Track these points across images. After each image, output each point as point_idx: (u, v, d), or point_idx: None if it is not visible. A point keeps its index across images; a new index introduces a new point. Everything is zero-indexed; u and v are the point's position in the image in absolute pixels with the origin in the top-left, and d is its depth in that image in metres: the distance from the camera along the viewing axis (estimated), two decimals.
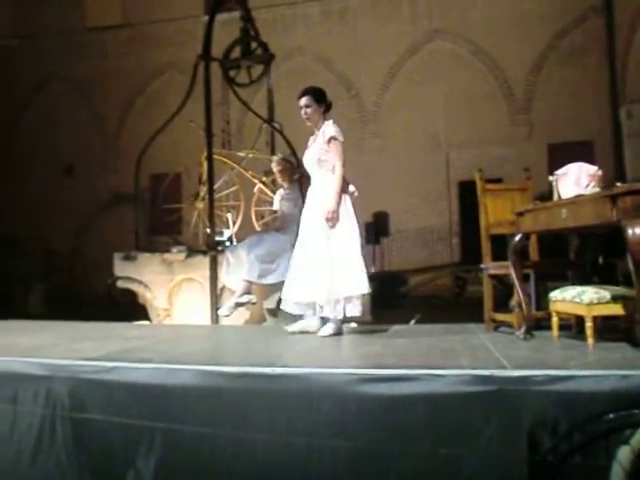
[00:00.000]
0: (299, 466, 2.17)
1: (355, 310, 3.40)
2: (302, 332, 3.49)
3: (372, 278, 10.47)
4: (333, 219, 3.40)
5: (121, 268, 5.28)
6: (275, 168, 4.97)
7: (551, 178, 2.96)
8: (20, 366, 2.48)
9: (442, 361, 2.43)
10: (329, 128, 3.58)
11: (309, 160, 3.62)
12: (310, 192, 3.66)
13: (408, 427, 2.10)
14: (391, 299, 10.65)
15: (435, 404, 2.09)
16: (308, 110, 3.59)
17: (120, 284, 5.31)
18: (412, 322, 5.56)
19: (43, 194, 14.17)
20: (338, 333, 3.38)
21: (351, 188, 3.63)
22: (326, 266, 3.37)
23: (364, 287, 3.40)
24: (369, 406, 2.14)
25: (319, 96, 3.62)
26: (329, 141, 3.54)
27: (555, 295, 2.81)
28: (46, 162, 14.34)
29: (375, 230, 11.83)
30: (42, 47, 14.55)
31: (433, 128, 12.28)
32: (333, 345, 3.16)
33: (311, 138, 3.68)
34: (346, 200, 3.53)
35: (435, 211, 12.45)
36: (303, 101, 3.59)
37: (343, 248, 3.42)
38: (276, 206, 5.13)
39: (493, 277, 3.39)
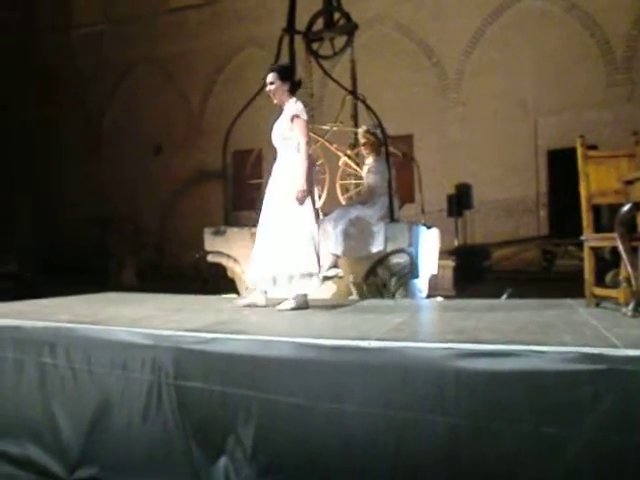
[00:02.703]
0: (395, 440, 2.16)
1: (308, 287, 3.55)
2: (251, 305, 3.61)
3: (454, 252, 10.30)
4: (302, 198, 3.50)
5: (211, 243, 5.43)
6: (360, 140, 4.91)
7: None
8: (127, 335, 2.63)
9: (543, 337, 2.32)
10: (292, 106, 3.64)
11: (275, 136, 3.70)
12: (275, 167, 3.72)
13: (508, 405, 2.03)
14: (474, 273, 10.41)
15: (537, 382, 2.01)
16: (272, 87, 3.68)
17: (210, 258, 5.48)
18: (504, 296, 5.39)
19: (133, 175, 14.87)
20: (299, 308, 3.50)
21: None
22: (282, 243, 3.51)
23: (315, 265, 3.53)
24: (467, 382, 2.09)
25: (283, 74, 3.70)
26: (292, 119, 3.60)
27: None
28: (135, 144, 15.00)
29: (457, 202, 11.55)
30: (128, 31, 15.11)
31: (520, 94, 11.69)
32: (426, 319, 3.11)
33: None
34: (310, 181, 3.61)
35: (521, 182, 11.94)
36: (268, 78, 3.70)
37: (298, 226, 3.50)
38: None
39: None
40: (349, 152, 5.80)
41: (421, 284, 5.44)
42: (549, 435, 1.96)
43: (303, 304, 3.58)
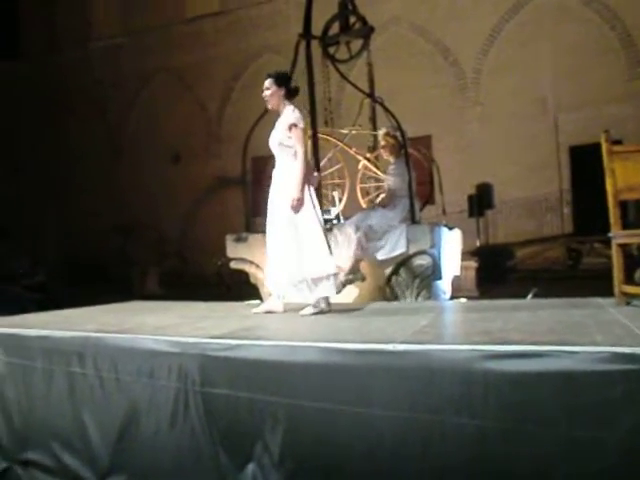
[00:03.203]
0: (422, 442, 2.14)
1: (326, 290, 3.54)
2: (269, 312, 3.61)
3: (476, 252, 10.19)
4: (297, 206, 3.50)
5: (233, 249, 5.45)
6: (380, 143, 4.90)
7: None
8: (154, 343, 2.65)
9: (573, 337, 2.28)
10: (290, 114, 3.64)
11: (272, 143, 3.70)
12: (274, 174, 3.73)
13: (538, 406, 1.99)
14: (497, 273, 10.30)
15: (568, 383, 1.97)
16: (267, 92, 3.70)
17: (233, 265, 5.50)
18: (530, 296, 5.32)
19: (153, 183, 15.06)
20: (321, 312, 3.51)
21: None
22: (291, 249, 3.53)
23: (330, 268, 3.54)
24: (495, 383, 2.06)
25: (279, 80, 3.70)
26: (290, 128, 3.60)
27: None
28: (155, 153, 15.19)
29: (478, 202, 11.46)
30: (146, 42, 15.32)
31: (539, 91, 11.57)
32: (450, 321, 3.07)
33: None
34: (309, 187, 3.61)
35: (543, 179, 11.80)
36: (265, 84, 3.72)
37: (306, 232, 3.54)
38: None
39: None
40: (368, 155, 5.79)
41: (444, 285, 5.39)
42: (581, 437, 1.92)
43: (325, 308, 3.57)
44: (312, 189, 3.67)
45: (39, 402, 2.96)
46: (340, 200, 5.58)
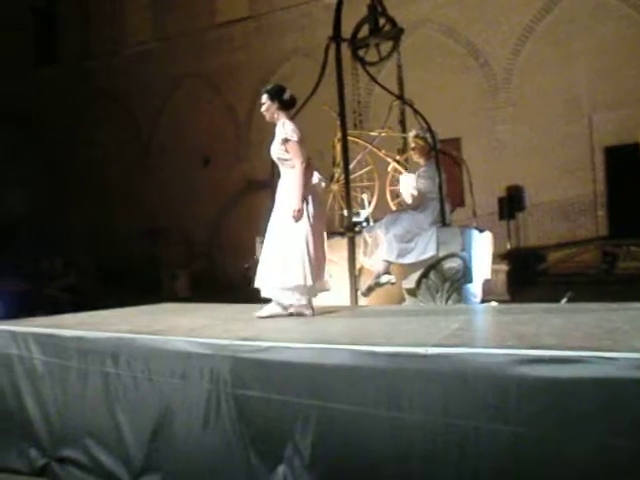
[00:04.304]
0: (455, 448, 2.11)
1: (302, 299, 3.67)
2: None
3: (507, 255, 10.04)
4: (298, 217, 3.59)
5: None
6: (410, 145, 4.88)
7: None
8: (186, 345, 2.67)
9: (610, 343, 2.22)
10: (282, 129, 3.71)
11: (272, 155, 3.76)
12: (279, 184, 3.81)
13: (575, 414, 1.95)
14: (529, 277, 10.14)
15: (606, 390, 1.92)
16: (263, 107, 3.82)
17: None
18: (564, 300, 5.22)
19: (183, 187, 15.24)
20: (272, 316, 3.65)
21: (315, 179, 3.72)
22: (279, 255, 3.64)
23: (304, 279, 3.60)
24: (529, 389, 2.02)
25: (271, 93, 3.80)
26: (283, 143, 3.68)
27: None
28: (185, 156, 15.37)
29: (509, 205, 11.31)
30: (176, 48, 15.53)
31: (573, 90, 11.34)
32: (482, 324, 3.03)
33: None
34: (311, 196, 3.68)
35: (576, 181, 11.55)
36: (261, 99, 3.83)
37: (292, 240, 3.62)
38: (403, 193, 5.11)
39: None
40: (398, 157, 5.76)
41: (475, 289, 5.33)
42: (618, 446, 1.87)
43: (278, 313, 3.70)
44: (315, 198, 3.71)
45: (75, 401, 3.02)
46: (369, 202, 5.57)
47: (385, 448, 2.21)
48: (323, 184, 3.81)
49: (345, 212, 5.27)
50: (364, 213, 5.42)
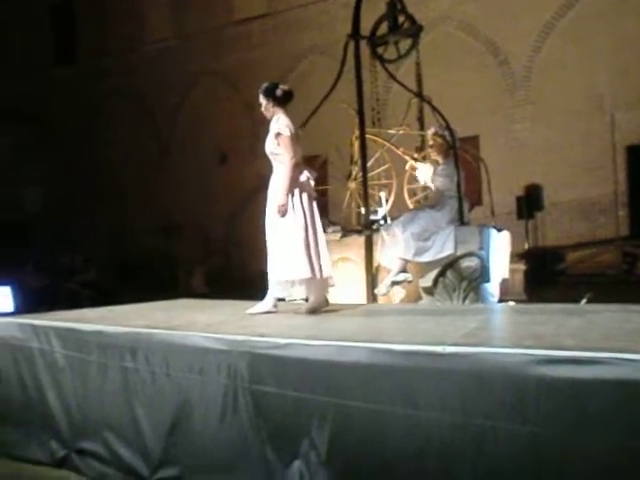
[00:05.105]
0: (472, 447, 2.11)
1: (300, 293, 3.74)
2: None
3: (524, 255, 9.95)
4: (282, 211, 3.64)
5: None
6: (428, 143, 4.86)
7: None
8: (203, 341, 2.70)
9: (630, 344, 2.20)
10: (275, 123, 3.75)
11: (266, 150, 3.79)
12: (271, 179, 3.84)
13: (595, 415, 1.93)
14: (547, 277, 10.03)
15: (627, 392, 1.90)
16: (262, 107, 3.89)
17: None
18: (583, 301, 5.16)
19: (200, 183, 15.32)
20: (266, 312, 3.69)
21: (303, 177, 3.72)
22: (274, 250, 3.71)
23: (302, 273, 3.63)
24: (548, 389, 2.01)
25: (265, 92, 3.88)
26: (276, 137, 3.71)
27: None
28: (202, 154, 15.45)
29: (527, 204, 11.20)
30: (194, 45, 15.60)
31: (595, 88, 11.16)
32: (500, 324, 3.02)
33: None
34: (295, 192, 3.69)
35: (596, 180, 11.40)
36: (259, 100, 3.89)
37: (288, 235, 3.66)
38: (422, 182, 5.06)
39: None
40: (416, 155, 5.74)
41: (492, 288, 5.29)
42: (638, 448, 1.85)
43: (273, 308, 3.74)
44: (304, 194, 3.72)
45: (94, 394, 3.06)
46: (387, 200, 5.56)
47: (401, 445, 2.21)
48: (312, 182, 3.82)
49: (362, 210, 5.27)
50: (381, 211, 5.41)
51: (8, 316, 3.98)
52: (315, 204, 3.82)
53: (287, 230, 3.68)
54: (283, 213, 3.64)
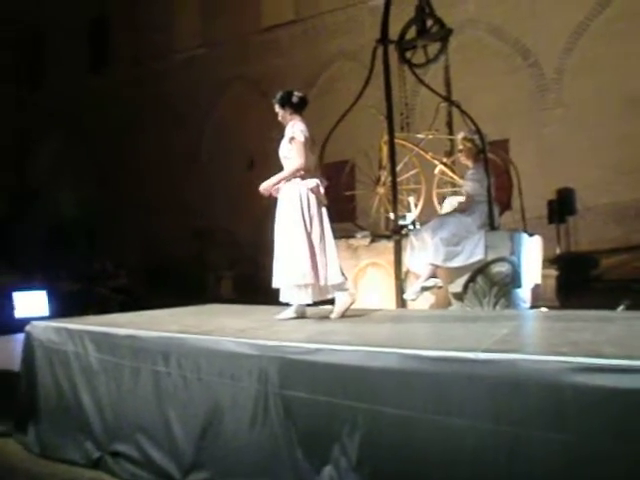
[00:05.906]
0: (505, 455, 2.07)
1: (302, 298, 3.72)
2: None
3: (556, 260, 9.73)
4: (265, 190, 3.84)
5: None
6: (458, 147, 4.82)
7: None
8: (235, 346, 2.72)
9: None
10: (289, 129, 3.81)
11: (280, 155, 3.90)
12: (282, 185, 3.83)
13: (633, 425, 1.89)
14: (580, 283, 9.81)
15: None
16: (279, 116, 3.97)
17: None
18: (621, 307, 5.04)
19: (229, 189, 15.42)
20: (297, 317, 3.71)
21: (313, 183, 3.73)
22: (283, 256, 3.78)
23: (305, 278, 3.66)
24: (585, 398, 1.97)
25: (280, 101, 3.94)
26: (290, 141, 3.77)
27: None
28: (230, 160, 15.57)
29: (559, 208, 10.99)
30: (223, 53, 15.78)
31: (629, 89, 10.89)
32: (533, 330, 2.96)
33: None
34: (303, 197, 3.72)
35: (632, 184, 11.10)
36: (275, 109, 3.95)
37: (293, 241, 3.73)
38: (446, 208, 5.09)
39: None
40: (445, 160, 5.70)
41: (524, 294, 5.21)
42: None
43: (301, 314, 3.75)
44: (312, 200, 3.74)
45: (127, 397, 3.11)
46: (416, 205, 5.53)
47: (433, 452, 2.19)
48: (322, 189, 3.81)
49: (391, 215, 5.24)
50: (410, 216, 5.38)
51: (44, 320, 4.07)
52: (325, 210, 3.83)
53: (292, 235, 3.74)
54: (266, 192, 3.84)
